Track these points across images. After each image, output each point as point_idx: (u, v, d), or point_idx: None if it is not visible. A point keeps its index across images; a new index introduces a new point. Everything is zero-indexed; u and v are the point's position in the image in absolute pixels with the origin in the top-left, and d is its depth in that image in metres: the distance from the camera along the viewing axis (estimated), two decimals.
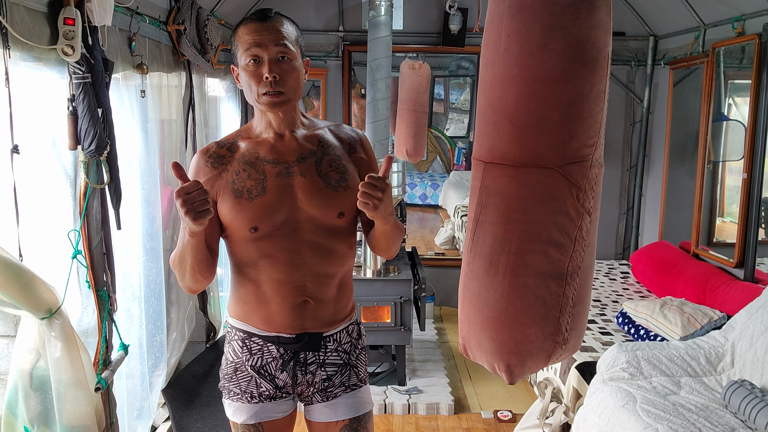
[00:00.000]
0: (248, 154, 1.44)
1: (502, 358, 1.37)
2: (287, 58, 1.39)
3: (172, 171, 1.25)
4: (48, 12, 1.68)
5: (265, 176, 1.42)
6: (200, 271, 1.41)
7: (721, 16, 3.32)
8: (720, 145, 3.41)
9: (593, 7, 1.25)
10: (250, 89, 1.40)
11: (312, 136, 1.49)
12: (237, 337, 1.53)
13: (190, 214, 1.23)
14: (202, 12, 2.88)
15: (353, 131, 1.56)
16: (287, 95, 1.40)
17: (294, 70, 1.40)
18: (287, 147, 1.46)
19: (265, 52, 1.37)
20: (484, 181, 1.36)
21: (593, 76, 1.27)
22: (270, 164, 1.43)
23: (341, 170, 1.47)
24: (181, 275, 1.43)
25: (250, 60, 1.38)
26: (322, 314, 1.49)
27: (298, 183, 1.43)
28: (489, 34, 1.34)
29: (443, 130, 5.39)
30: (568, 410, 2.53)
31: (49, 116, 1.84)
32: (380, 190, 1.30)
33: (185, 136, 2.95)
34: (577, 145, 1.29)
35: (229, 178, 1.42)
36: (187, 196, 1.23)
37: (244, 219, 1.40)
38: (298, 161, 1.45)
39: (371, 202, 1.31)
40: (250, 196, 1.40)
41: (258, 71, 1.38)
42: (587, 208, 1.33)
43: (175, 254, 1.43)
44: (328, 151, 1.48)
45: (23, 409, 1.73)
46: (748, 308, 2.48)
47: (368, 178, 1.30)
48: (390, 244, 1.53)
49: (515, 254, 1.32)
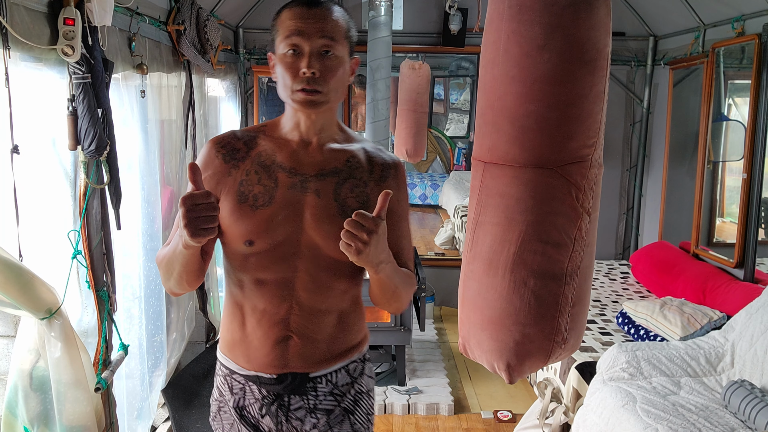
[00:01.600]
0: (265, 154, 1.25)
1: (501, 358, 1.37)
2: (332, 53, 1.19)
3: (188, 173, 1.08)
4: (48, 12, 1.68)
5: (276, 185, 1.23)
6: (188, 280, 1.25)
7: (721, 17, 3.32)
8: (720, 146, 3.41)
9: (593, 8, 1.25)
10: (284, 83, 1.20)
11: (341, 152, 1.28)
12: (221, 372, 1.36)
13: (190, 228, 1.06)
14: (202, 12, 2.88)
15: (390, 157, 1.33)
16: (325, 96, 1.20)
17: (337, 68, 1.20)
18: (310, 157, 1.26)
19: (307, 43, 1.18)
20: (484, 181, 1.36)
21: (593, 77, 1.27)
22: (285, 173, 1.24)
23: (362, 199, 1.26)
24: (165, 277, 1.28)
25: (289, 50, 1.19)
26: (309, 353, 1.28)
27: (310, 202, 1.23)
28: (489, 35, 1.34)
29: (443, 130, 5.39)
30: (567, 410, 2.53)
31: (49, 116, 1.84)
32: (366, 232, 1.09)
33: (185, 137, 2.95)
34: (576, 145, 1.29)
35: (237, 177, 1.24)
36: (193, 206, 1.06)
37: (241, 228, 1.22)
38: (317, 177, 1.24)
39: (354, 245, 1.09)
40: (254, 204, 1.22)
41: (296, 64, 1.18)
42: (587, 208, 1.33)
43: (163, 254, 1.26)
44: (354, 174, 1.27)
45: (23, 410, 1.73)
46: (748, 308, 2.48)
47: (356, 215, 1.09)
48: (387, 297, 1.29)
49: (515, 254, 1.32)
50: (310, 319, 1.27)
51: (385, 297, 1.29)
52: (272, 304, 1.25)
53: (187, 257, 1.18)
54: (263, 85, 4.28)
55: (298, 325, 1.26)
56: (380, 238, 1.11)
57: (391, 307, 1.34)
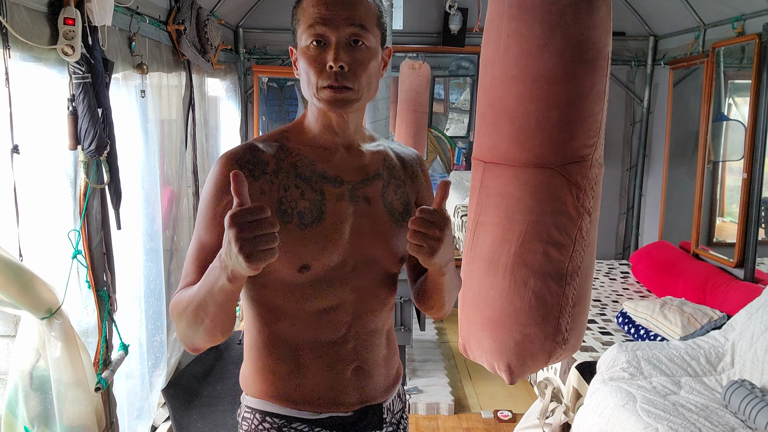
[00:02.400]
0: (301, 164, 1.07)
1: (502, 358, 1.37)
2: (362, 43, 1.03)
3: (232, 183, 0.87)
4: (48, 12, 1.68)
5: (324, 197, 1.06)
6: (222, 327, 1.00)
7: (721, 16, 3.32)
8: (720, 145, 3.41)
9: (593, 7, 1.25)
10: (308, 80, 1.04)
11: (377, 153, 1.15)
12: (267, 426, 1.12)
13: (246, 250, 0.84)
14: (202, 12, 2.88)
15: (413, 152, 1.23)
16: (356, 93, 1.03)
17: (369, 60, 1.04)
18: (352, 162, 1.11)
19: (334, 33, 1.01)
20: (484, 181, 1.36)
21: (593, 76, 1.27)
22: (330, 182, 1.07)
23: (404, 200, 1.15)
24: (191, 328, 1.01)
25: (312, 41, 1.02)
26: (378, 380, 1.16)
27: (362, 212, 1.09)
28: (489, 34, 1.34)
29: (443, 130, 5.39)
30: (568, 410, 2.53)
31: (49, 116, 1.84)
32: (438, 228, 0.97)
33: (185, 136, 2.95)
34: (576, 145, 1.29)
35: (274, 194, 1.04)
36: (248, 224, 0.84)
37: (291, 253, 1.03)
38: (363, 183, 1.11)
39: (426, 245, 0.97)
40: (302, 222, 1.04)
41: (321, 57, 1.02)
42: (587, 208, 1.33)
43: (186, 298, 1.00)
44: (393, 174, 1.16)
45: (23, 409, 1.73)
46: (748, 308, 2.48)
47: (420, 212, 0.97)
48: (445, 301, 1.16)
49: (515, 254, 1.32)
50: (371, 342, 1.14)
51: (442, 300, 1.15)
52: (334, 332, 1.10)
53: (229, 294, 0.94)
54: (263, 84, 4.28)
55: (362, 350, 1.13)
56: (448, 234, 1.00)
57: (444, 310, 1.19)
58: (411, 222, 0.98)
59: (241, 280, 0.91)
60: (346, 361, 1.11)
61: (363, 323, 1.12)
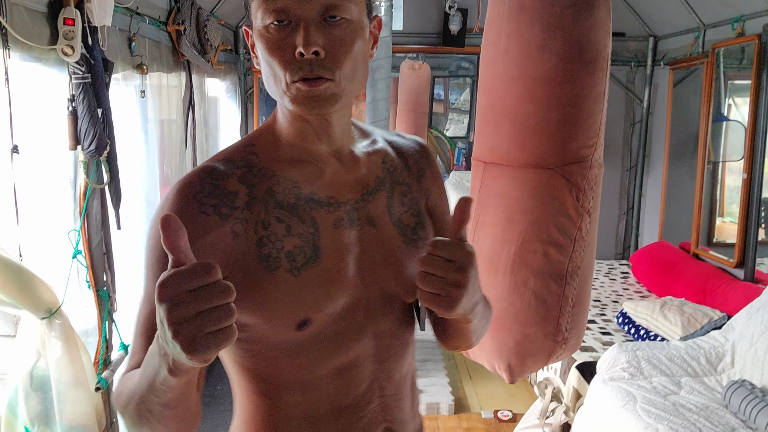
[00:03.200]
0: (281, 187, 0.79)
1: (502, 358, 1.37)
2: (341, 18, 0.75)
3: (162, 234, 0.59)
4: (48, 12, 1.68)
5: (317, 228, 0.79)
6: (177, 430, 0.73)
7: (721, 17, 3.32)
8: (720, 146, 3.41)
9: (593, 8, 1.25)
10: (272, 73, 0.76)
11: (373, 155, 0.88)
12: None
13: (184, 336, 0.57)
14: (202, 12, 2.88)
15: (414, 141, 0.95)
16: (338, 85, 0.75)
17: (352, 40, 0.76)
18: (349, 174, 0.84)
19: (300, 6, 0.73)
20: (484, 182, 1.36)
21: (593, 77, 1.27)
22: (323, 207, 0.81)
23: (414, 209, 0.89)
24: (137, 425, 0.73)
25: (272, 21, 0.74)
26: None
27: (367, 237, 0.84)
28: (489, 35, 1.34)
29: (443, 130, 5.39)
30: (568, 410, 2.54)
31: (49, 116, 1.84)
32: (458, 268, 0.72)
33: (185, 137, 2.96)
34: (576, 145, 1.29)
35: (251, 235, 0.77)
36: (187, 296, 0.57)
37: (285, 308, 0.77)
38: (364, 199, 0.84)
39: (444, 293, 0.72)
40: (293, 266, 0.77)
41: (286, 42, 0.74)
42: (587, 208, 1.33)
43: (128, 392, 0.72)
44: (395, 178, 0.89)
45: (23, 409, 1.73)
46: (748, 308, 2.48)
47: (433, 247, 0.72)
48: (473, 342, 0.93)
49: (515, 254, 1.32)
50: (399, 394, 0.91)
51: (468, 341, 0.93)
52: (355, 394, 0.85)
53: (176, 391, 0.66)
54: (263, 85, 4.28)
55: (389, 407, 0.89)
56: (476, 273, 0.74)
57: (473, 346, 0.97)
58: (421, 261, 0.72)
59: (187, 372, 0.63)
60: (373, 423, 0.87)
61: (387, 374, 0.88)
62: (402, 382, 0.91)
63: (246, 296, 0.75)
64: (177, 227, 0.60)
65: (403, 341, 0.90)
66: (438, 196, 0.95)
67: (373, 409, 0.87)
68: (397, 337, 0.88)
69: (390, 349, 0.88)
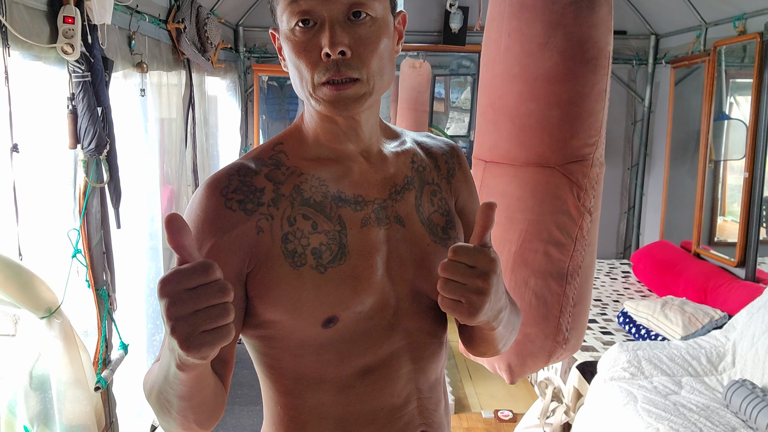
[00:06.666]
0: (308, 185, 0.81)
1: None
2: (366, 15, 0.76)
3: (167, 233, 0.63)
4: (47, 10, 1.68)
5: (344, 226, 0.81)
6: (197, 419, 0.75)
7: (723, 15, 3.31)
8: (721, 144, 3.40)
9: (594, 6, 1.24)
10: (300, 75, 0.78)
11: (402, 154, 0.90)
12: None
13: (180, 333, 0.59)
14: (202, 10, 2.88)
15: (445, 142, 0.96)
16: (367, 84, 0.77)
17: (378, 38, 0.77)
18: (378, 174, 0.85)
19: (325, 6, 0.74)
20: (485, 181, 1.36)
21: (594, 75, 1.27)
22: (350, 205, 0.82)
23: (443, 209, 0.90)
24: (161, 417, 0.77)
25: (297, 21, 0.76)
26: None
27: (396, 236, 0.84)
28: (490, 33, 1.33)
29: (444, 129, 5.38)
30: (568, 410, 2.53)
31: (49, 115, 1.84)
32: (480, 275, 0.70)
33: (185, 135, 2.95)
34: (578, 144, 1.29)
35: (277, 231, 0.79)
36: (186, 294, 0.59)
37: (311, 305, 0.78)
38: (392, 198, 0.85)
39: (465, 300, 0.71)
40: (320, 263, 0.79)
41: (312, 43, 0.76)
42: (588, 207, 1.32)
43: (151, 380, 0.77)
44: (425, 178, 0.90)
45: (23, 409, 1.73)
46: (749, 308, 2.47)
47: (454, 253, 0.71)
48: (500, 349, 0.92)
49: (516, 253, 1.32)
50: (435, 396, 0.90)
51: (495, 349, 0.92)
52: (391, 394, 0.84)
53: (187, 384, 0.69)
54: (263, 83, 4.28)
55: (426, 410, 0.88)
56: (500, 279, 0.74)
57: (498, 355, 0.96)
58: (441, 268, 0.70)
59: (193, 367, 0.64)
60: (411, 427, 0.85)
61: (424, 375, 0.87)
62: (437, 385, 0.90)
63: (271, 292, 0.78)
64: (181, 226, 0.62)
65: (437, 341, 0.89)
66: (468, 197, 0.95)
67: (411, 411, 0.86)
68: (429, 335, 0.87)
69: (424, 348, 0.87)
